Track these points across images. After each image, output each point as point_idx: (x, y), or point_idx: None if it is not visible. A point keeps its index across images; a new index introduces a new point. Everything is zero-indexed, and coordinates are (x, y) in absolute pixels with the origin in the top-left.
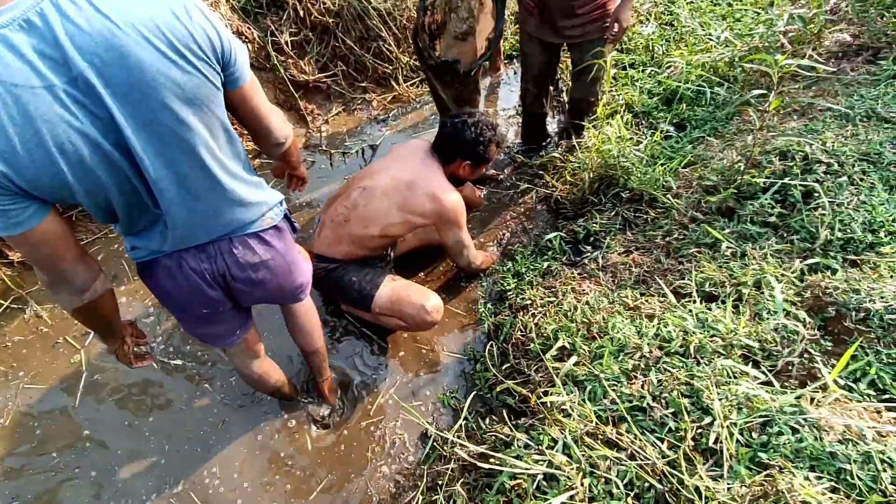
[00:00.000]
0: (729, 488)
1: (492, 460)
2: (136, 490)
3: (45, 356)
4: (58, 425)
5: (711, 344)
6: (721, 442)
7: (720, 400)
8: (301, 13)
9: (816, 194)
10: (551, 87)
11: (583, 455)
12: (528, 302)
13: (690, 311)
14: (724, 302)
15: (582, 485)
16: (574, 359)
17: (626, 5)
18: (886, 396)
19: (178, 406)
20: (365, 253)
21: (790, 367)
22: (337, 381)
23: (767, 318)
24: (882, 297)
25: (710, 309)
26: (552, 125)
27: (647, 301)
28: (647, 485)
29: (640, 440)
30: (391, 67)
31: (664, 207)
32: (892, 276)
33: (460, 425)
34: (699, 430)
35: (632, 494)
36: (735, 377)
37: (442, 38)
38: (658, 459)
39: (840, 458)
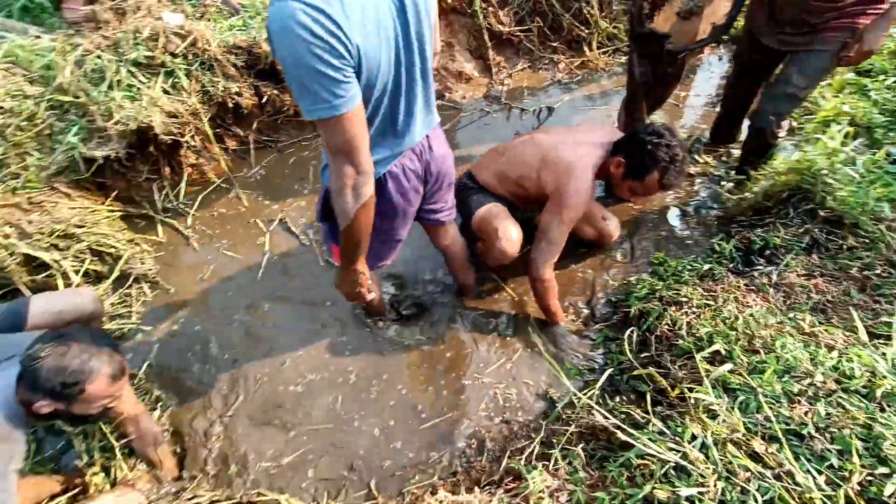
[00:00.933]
0: None
1: (620, 435)
2: (280, 349)
3: (239, 231)
4: (241, 290)
5: None
6: None
7: None
8: None
9: None
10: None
11: (721, 458)
12: (684, 299)
13: (884, 353)
14: None
15: (714, 486)
16: (729, 366)
17: (884, 25)
18: None
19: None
20: (499, 191)
21: None
22: (471, 327)
23: None
24: None
25: None
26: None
27: (827, 331)
28: None
29: (793, 465)
30: (587, 31)
31: (869, 237)
32: None
33: (593, 394)
34: (869, 478)
35: None
36: None
37: (663, 10)
38: (814, 490)
39: None
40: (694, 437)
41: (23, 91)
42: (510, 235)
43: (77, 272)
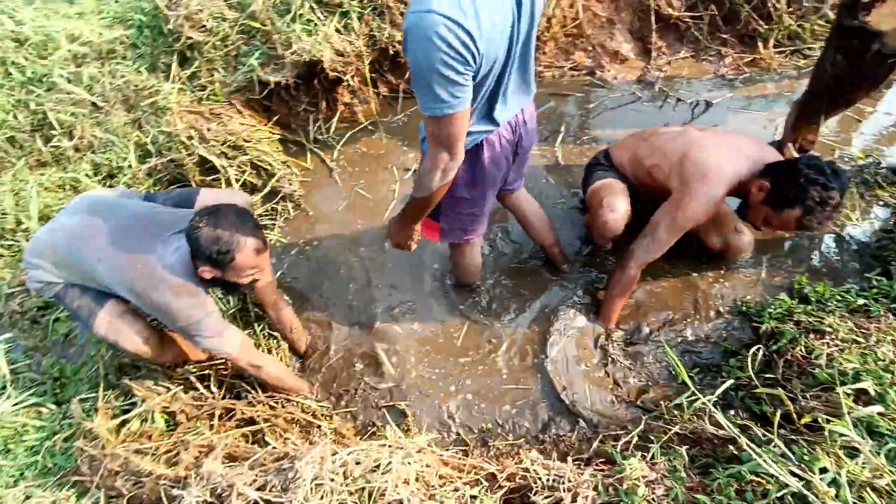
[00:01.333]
0: None
1: (737, 448)
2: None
3: (377, 173)
4: (368, 229)
5: None
6: None
7: None
8: None
9: None
10: None
11: (855, 501)
12: (827, 329)
13: None
14: None
15: None
16: (879, 408)
17: None
18: None
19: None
20: (627, 173)
21: None
22: (583, 305)
23: None
24: None
25: None
26: None
27: None
28: None
29: None
30: (766, 27)
31: None
32: None
33: (710, 400)
34: None
35: None
36: None
37: (885, 4)
38: None
39: None
40: (824, 471)
41: (223, 14)
42: (617, 206)
43: (238, 180)
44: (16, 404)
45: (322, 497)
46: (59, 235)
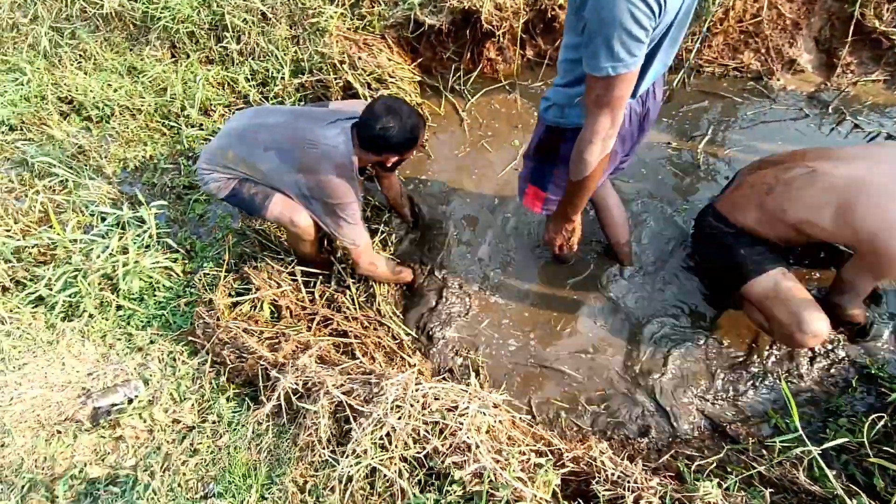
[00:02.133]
0: None
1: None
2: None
3: (503, 130)
4: (483, 181)
5: None
6: None
7: None
8: None
9: None
10: None
11: None
12: None
13: None
14: None
15: None
16: None
17: None
18: None
19: None
20: (766, 235)
21: None
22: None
23: None
24: None
25: None
26: None
27: None
28: None
29: None
30: None
31: None
32: None
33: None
34: None
35: None
36: None
37: None
38: None
39: None
40: None
41: None
42: (818, 330)
43: None
44: (154, 262)
45: (399, 418)
46: (230, 139)
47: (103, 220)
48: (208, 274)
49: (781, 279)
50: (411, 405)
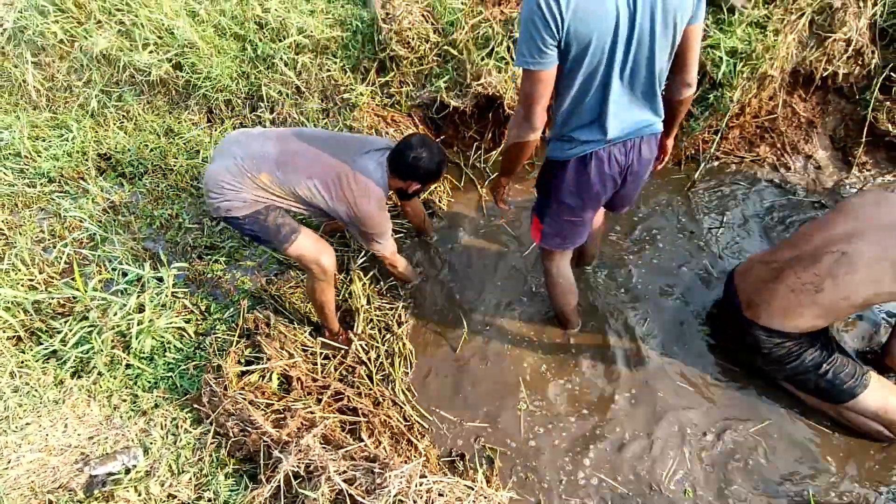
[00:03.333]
0: None
1: None
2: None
3: (518, 213)
4: (497, 262)
5: None
6: None
7: None
8: None
9: None
10: None
11: None
12: None
13: None
14: None
15: None
16: None
17: None
18: None
19: None
20: (826, 324)
21: None
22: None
23: None
24: None
25: None
26: None
27: None
28: None
29: None
30: None
31: None
32: None
33: None
34: None
35: None
36: None
37: None
38: None
39: None
40: None
41: (427, 36)
42: None
43: None
44: (169, 323)
45: None
46: (260, 162)
47: (124, 275)
48: (220, 338)
49: (880, 385)
50: (414, 501)
